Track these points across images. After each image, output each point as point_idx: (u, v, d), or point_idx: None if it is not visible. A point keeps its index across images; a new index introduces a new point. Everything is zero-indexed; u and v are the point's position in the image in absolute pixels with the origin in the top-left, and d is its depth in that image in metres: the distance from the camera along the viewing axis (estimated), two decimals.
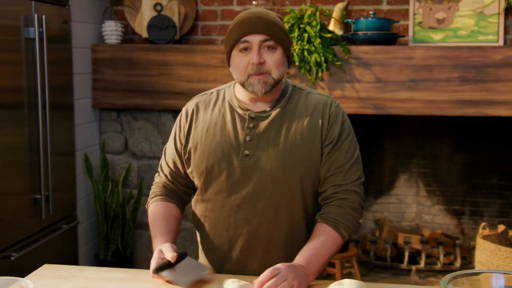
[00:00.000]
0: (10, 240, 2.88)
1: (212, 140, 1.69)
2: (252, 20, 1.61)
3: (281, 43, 1.64)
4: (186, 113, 1.79)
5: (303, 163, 1.65)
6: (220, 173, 1.67)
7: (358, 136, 4.46)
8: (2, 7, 2.81)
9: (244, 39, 1.61)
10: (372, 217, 4.59)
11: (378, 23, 3.51)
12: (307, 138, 1.67)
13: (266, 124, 1.68)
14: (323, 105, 1.71)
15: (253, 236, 1.68)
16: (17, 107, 2.94)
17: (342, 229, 1.65)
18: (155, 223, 1.73)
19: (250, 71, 1.62)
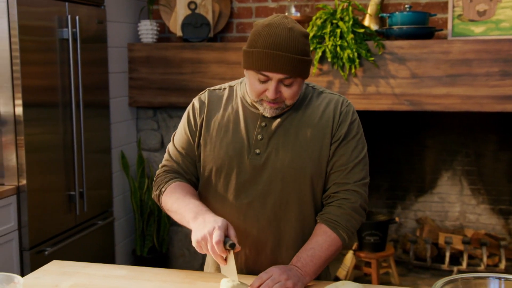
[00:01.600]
0: (45, 235, 2.97)
1: (223, 137, 1.68)
2: (275, 58, 1.53)
3: (302, 75, 1.60)
4: (201, 103, 1.75)
5: (313, 161, 1.63)
6: (230, 171, 1.66)
7: (398, 133, 4.35)
8: (38, 9, 2.90)
9: (264, 73, 1.56)
10: (414, 216, 4.48)
11: (414, 17, 3.41)
12: (317, 136, 1.65)
13: (277, 123, 1.66)
14: (334, 104, 1.69)
15: (262, 235, 1.67)
16: (52, 106, 3.03)
17: (341, 230, 1.62)
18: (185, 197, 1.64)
19: (264, 98, 1.60)
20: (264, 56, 1.54)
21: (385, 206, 4.53)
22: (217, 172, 1.68)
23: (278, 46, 1.53)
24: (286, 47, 1.53)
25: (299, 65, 1.56)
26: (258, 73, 1.57)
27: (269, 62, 1.54)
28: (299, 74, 1.58)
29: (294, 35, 1.55)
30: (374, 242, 3.75)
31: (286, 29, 1.55)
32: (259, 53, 1.55)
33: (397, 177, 4.48)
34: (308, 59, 1.60)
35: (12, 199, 2.79)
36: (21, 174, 2.81)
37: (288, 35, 1.55)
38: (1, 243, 2.73)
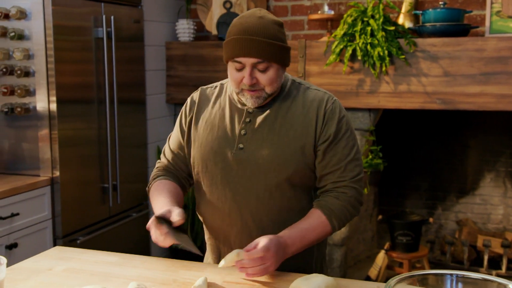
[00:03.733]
0: (78, 224, 3.13)
1: (210, 133, 1.72)
2: (245, 42, 1.58)
3: (276, 61, 1.62)
4: (191, 102, 1.81)
5: (295, 159, 1.65)
6: (215, 166, 1.70)
7: (439, 132, 4.26)
8: (75, 9, 3.05)
9: (237, 60, 1.61)
10: (454, 218, 4.38)
11: (447, 13, 3.35)
12: (300, 134, 1.66)
13: (261, 118, 1.69)
14: (319, 102, 1.69)
15: (246, 228, 1.71)
16: (87, 102, 3.17)
17: (334, 219, 1.65)
18: (161, 194, 1.72)
19: (244, 86, 1.63)
20: (235, 43, 1.59)
21: (425, 207, 4.45)
22: (204, 167, 1.74)
23: (247, 32, 1.58)
24: (255, 32, 1.58)
25: (270, 49, 1.59)
26: (233, 62, 1.62)
27: (239, 48, 1.58)
28: (271, 58, 1.60)
29: (264, 22, 1.60)
30: (406, 242, 3.70)
31: (256, 17, 1.61)
32: (231, 42, 1.61)
33: (438, 178, 4.39)
34: (281, 44, 1.62)
35: (46, 190, 2.95)
36: (55, 167, 2.97)
37: (258, 22, 1.60)
38: (36, 230, 2.90)
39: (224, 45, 1.65)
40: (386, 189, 4.47)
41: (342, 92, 3.53)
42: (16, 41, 2.92)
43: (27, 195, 2.84)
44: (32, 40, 2.91)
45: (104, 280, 1.53)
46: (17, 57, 2.90)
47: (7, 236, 2.72)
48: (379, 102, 3.47)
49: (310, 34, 3.91)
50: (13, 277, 1.54)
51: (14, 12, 2.89)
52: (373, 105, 3.50)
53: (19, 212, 2.78)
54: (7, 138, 3.04)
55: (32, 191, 2.87)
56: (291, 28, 3.97)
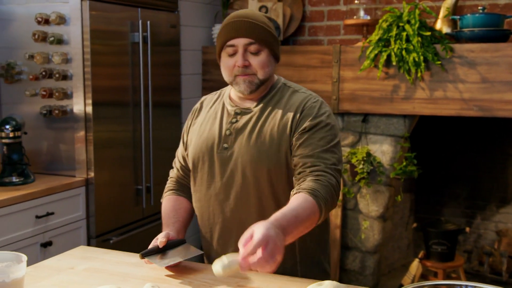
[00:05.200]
0: (111, 225, 3.19)
1: (202, 134, 1.80)
2: (236, 23, 1.67)
3: (266, 45, 1.70)
4: (192, 110, 1.92)
5: (271, 156, 1.69)
6: (203, 165, 1.78)
7: (479, 140, 4.16)
8: (112, 14, 3.13)
9: (229, 43, 1.68)
10: (494, 228, 4.26)
11: (486, 19, 3.27)
12: (278, 131, 1.70)
13: (246, 119, 1.74)
14: (300, 102, 1.74)
15: (227, 225, 1.76)
16: (122, 105, 3.24)
17: (320, 200, 1.56)
18: (165, 216, 1.85)
19: (236, 72, 1.70)
20: (226, 28, 1.69)
21: (463, 216, 4.35)
22: (194, 167, 1.82)
23: (237, 16, 1.70)
24: (244, 15, 1.69)
25: (261, 31, 1.68)
26: (225, 48, 1.70)
27: (230, 30, 1.67)
28: (262, 40, 1.68)
29: (253, 11, 1.74)
30: (441, 251, 3.63)
31: (249, 10, 1.75)
32: (222, 29, 1.70)
33: (477, 186, 4.29)
34: (271, 31, 1.71)
35: (81, 190, 3.03)
36: (90, 168, 3.04)
37: (248, 11, 1.74)
38: (70, 230, 2.98)
39: (216, 38, 1.74)
40: (424, 196, 4.39)
41: (376, 98, 3.50)
42: (55, 46, 3.01)
43: (63, 195, 2.93)
44: (71, 45, 3.00)
45: (122, 280, 1.56)
46: (56, 61, 2.99)
47: (42, 235, 2.81)
48: (414, 108, 3.42)
49: (346, 39, 3.89)
50: (35, 274, 1.59)
51: (54, 18, 2.98)
52: (408, 112, 3.45)
53: (54, 211, 2.86)
54: (45, 139, 3.14)
55: (68, 191, 2.95)
56: (327, 33, 3.95)
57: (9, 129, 2.89)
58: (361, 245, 3.75)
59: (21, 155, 2.93)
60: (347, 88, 3.57)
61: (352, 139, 3.70)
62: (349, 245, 3.79)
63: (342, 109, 3.61)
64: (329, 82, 3.60)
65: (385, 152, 3.60)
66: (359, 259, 3.76)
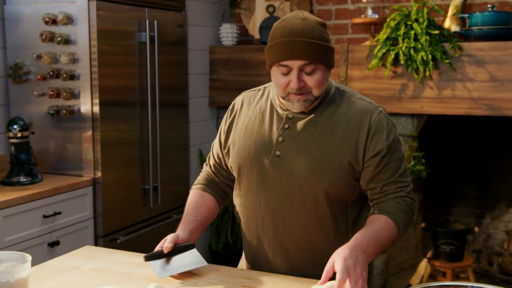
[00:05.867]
0: (118, 224, 3.20)
1: (248, 137, 1.70)
2: (290, 45, 1.54)
3: (322, 62, 1.58)
4: (232, 108, 1.80)
5: (332, 171, 1.60)
6: (251, 171, 1.69)
7: (488, 139, 4.14)
8: (119, 14, 3.13)
9: (283, 63, 1.57)
10: (504, 228, 4.23)
11: (495, 17, 3.24)
12: (339, 146, 1.61)
13: (301, 126, 1.65)
14: (363, 113, 1.64)
15: (278, 237, 1.69)
16: (129, 104, 3.24)
17: (400, 223, 1.60)
18: (185, 212, 1.80)
19: (290, 90, 1.59)
20: (281, 46, 1.55)
21: (473, 215, 4.32)
22: (241, 172, 1.72)
23: (292, 34, 1.54)
24: (300, 33, 1.54)
25: (317, 50, 1.55)
26: (279, 67, 1.58)
27: (285, 51, 1.54)
28: (318, 59, 1.56)
29: (308, 23, 1.56)
30: (450, 251, 3.61)
31: (300, 19, 1.57)
32: (276, 45, 1.57)
33: (487, 186, 4.26)
34: (327, 45, 1.58)
35: (88, 190, 3.03)
36: (97, 167, 3.05)
37: (302, 23, 1.56)
38: (77, 229, 2.98)
39: (267, 50, 1.62)
40: (432, 196, 4.36)
41: (384, 97, 3.48)
42: (62, 46, 3.02)
43: (70, 195, 2.93)
44: (78, 45, 3.00)
45: (127, 281, 1.56)
46: (63, 61, 3.00)
47: (50, 234, 2.81)
48: (422, 107, 3.40)
49: (354, 38, 3.88)
50: (40, 274, 1.59)
51: (61, 18, 2.98)
52: (416, 111, 3.43)
53: (62, 211, 2.86)
54: (53, 139, 3.14)
55: (75, 191, 2.96)
56: (334, 32, 3.94)
57: (16, 129, 2.90)
58: None
59: (29, 155, 2.94)
60: (355, 87, 3.55)
61: None
62: None
63: None
64: (337, 81, 3.59)
65: None
66: None
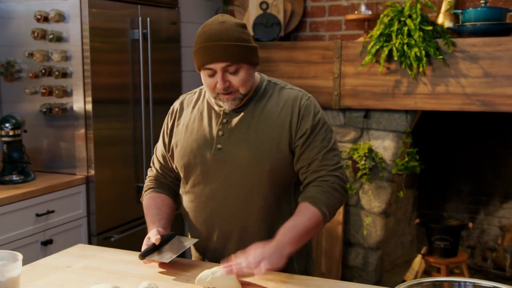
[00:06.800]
0: (112, 222, 3.19)
1: (189, 136, 1.78)
2: (210, 48, 1.62)
3: (245, 61, 1.66)
4: (171, 111, 1.90)
5: (271, 156, 1.69)
6: (196, 167, 1.76)
7: (481, 135, 4.13)
8: (112, 12, 3.11)
9: (207, 67, 1.65)
10: (498, 223, 4.24)
11: (489, 12, 3.24)
12: (275, 131, 1.71)
13: (238, 119, 1.73)
14: (293, 100, 1.74)
15: (227, 225, 1.75)
16: (122, 102, 3.23)
17: (322, 205, 1.67)
18: (148, 214, 1.85)
19: (218, 91, 1.68)
20: (202, 50, 1.64)
21: (467, 211, 4.33)
22: (186, 169, 1.79)
23: (211, 38, 1.62)
24: (218, 37, 1.62)
25: (236, 51, 1.63)
26: (204, 69, 1.67)
27: (206, 55, 1.63)
28: (239, 59, 1.64)
29: (226, 26, 1.64)
30: (444, 247, 3.61)
31: (218, 23, 1.65)
32: (198, 50, 1.66)
33: (481, 182, 4.26)
34: (247, 45, 1.66)
35: (81, 188, 3.02)
36: (90, 166, 3.03)
37: (220, 27, 1.64)
38: (71, 228, 2.97)
39: (193, 54, 1.70)
40: (426, 192, 4.37)
41: (378, 93, 3.48)
42: (54, 43, 3.00)
43: (63, 193, 2.92)
44: (70, 42, 2.99)
45: (120, 279, 1.55)
46: (55, 58, 2.98)
47: (43, 233, 2.80)
48: (416, 103, 3.40)
49: (348, 34, 3.87)
50: (32, 273, 1.58)
51: (53, 15, 2.96)
52: (410, 107, 3.43)
53: (55, 209, 2.85)
54: (46, 137, 3.13)
55: (68, 189, 2.94)
56: (328, 28, 3.93)
57: (9, 127, 2.89)
58: (364, 241, 3.73)
59: (21, 153, 2.92)
60: (349, 84, 3.55)
61: (354, 135, 3.68)
62: (352, 241, 3.78)
63: (343, 105, 3.59)
64: (331, 78, 3.59)
65: (387, 147, 3.59)
66: (362, 256, 3.75)
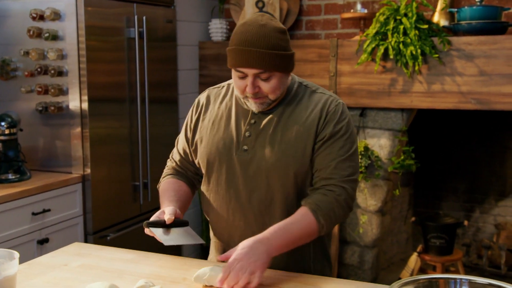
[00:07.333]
0: (108, 221, 3.18)
1: (216, 133, 1.74)
2: (245, 53, 1.58)
3: (277, 69, 1.61)
4: (197, 104, 1.85)
5: (297, 160, 1.65)
6: (220, 166, 1.72)
7: (477, 133, 4.15)
8: (108, 10, 3.11)
9: (239, 69, 1.62)
10: (493, 221, 4.25)
11: (484, 11, 3.25)
12: (302, 136, 1.67)
13: (266, 120, 1.70)
14: (322, 104, 1.70)
15: (248, 229, 1.71)
16: (119, 101, 3.23)
17: (320, 215, 1.61)
18: (165, 194, 1.80)
19: (247, 94, 1.64)
20: (237, 53, 1.60)
21: (462, 209, 4.34)
22: (209, 167, 1.76)
23: (248, 43, 1.58)
24: (256, 43, 1.57)
25: (272, 59, 1.58)
26: (236, 70, 1.63)
27: (241, 58, 1.59)
28: (273, 68, 1.60)
29: (265, 31, 1.59)
30: (440, 245, 3.62)
31: (258, 25, 1.60)
32: (233, 51, 1.61)
33: (476, 180, 4.28)
34: (284, 53, 1.61)
35: (77, 187, 3.02)
36: (86, 164, 3.03)
37: (259, 31, 1.59)
38: (67, 226, 2.97)
39: (227, 52, 1.66)
40: (422, 190, 4.38)
41: (374, 91, 3.49)
42: (50, 42, 3.00)
43: (59, 192, 2.91)
44: (66, 41, 2.98)
45: (117, 277, 1.55)
46: (51, 57, 2.98)
47: (39, 231, 2.80)
48: (412, 102, 3.40)
49: (343, 33, 3.87)
50: (28, 271, 1.58)
51: (49, 13, 2.96)
52: (405, 105, 3.44)
53: (51, 208, 2.85)
54: (41, 136, 3.12)
55: (64, 187, 2.94)
56: (324, 27, 3.94)
57: (4, 126, 2.88)
58: (360, 239, 3.74)
59: (17, 152, 2.92)
60: (345, 82, 3.56)
61: None
62: (348, 239, 3.78)
63: None
64: (327, 76, 3.59)
65: (383, 146, 3.59)
66: (358, 254, 3.75)
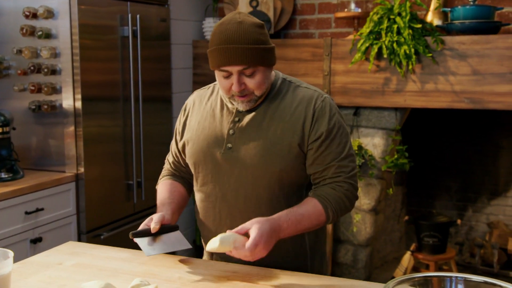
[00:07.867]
0: (102, 220, 3.18)
1: (201, 133, 1.75)
2: (227, 51, 1.58)
3: (260, 64, 1.62)
4: (184, 108, 1.86)
5: (282, 158, 1.65)
6: (206, 165, 1.73)
7: (470, 132, 4.16)
8: (101, 8, 3.10)
9: (223, 68, 1.61)
10: (486, 220, 4.27)
11: (477, 10, 3.26)
12: (287, 132, 1.66)
13: (249, 118, 1.69)
14: (308, 100, 1.69)
15: (236, 226, 1.67)
16: (112, 100, 3.22)
17: (330, 209, 1.64)
18: (159, 197, 1.82)
19: (233, 93, 1.64)
20: (218, 52, 1.60)
21: (455, 208, 4.36)
22: (196, 166, 1.77)
23: (229, 40, 1.58)
24: (236, 40, 1.58)
25: (254, 54, 1.59)
26: (220, 71, 1.63)
27: (223, 57, 1.59)
28: (256, 62, 1.60)
29: (244, 27, 1.60)
30: (433, 244, 3.64)
31: (236, 23, 1.61)
32: (215, 51, 1.61)
33: (469, 179, 4.30)
34: (265, 47, 1.62)
35: (71, 186, 3.01)
36: (80, 163, 3.02)
37: (238, 28, 1.60)
38: (60, 225, 2.96)
39: (208, 53, 1.66)
40: (415, 189, 4.39)
41: (367, 91, 3.49)
42: (43, 40, 2.98)
43: (52, 191, 2.90)
44: (59, 39, 2.97)
45: (111, 276, 1.55)
46: (44, 55, 2.96)
47: (32, 231, 2.79)
48: (406, 101, 3.41)
49: (337, 32, 3.88)
50: (23, 270, 1.57)
51: (42, 12, 2.95)
52: (399, 104, 3.45)
53: (44, 207, 2.84)
54: (35, 135, 3.11)
55: (57, 186, 2.93)
56: (318, 26, 3.94)
57: None
58: (353, 238, 3.75)
59: (10, 151, 2.90)
60: (338, 81, 3.56)
61: None
62: (341, 238, 3.79)
63: None
64: (320, 75, 3.60)
65: (376, 145, 3.60)
66: (351, 252, 3.76)
